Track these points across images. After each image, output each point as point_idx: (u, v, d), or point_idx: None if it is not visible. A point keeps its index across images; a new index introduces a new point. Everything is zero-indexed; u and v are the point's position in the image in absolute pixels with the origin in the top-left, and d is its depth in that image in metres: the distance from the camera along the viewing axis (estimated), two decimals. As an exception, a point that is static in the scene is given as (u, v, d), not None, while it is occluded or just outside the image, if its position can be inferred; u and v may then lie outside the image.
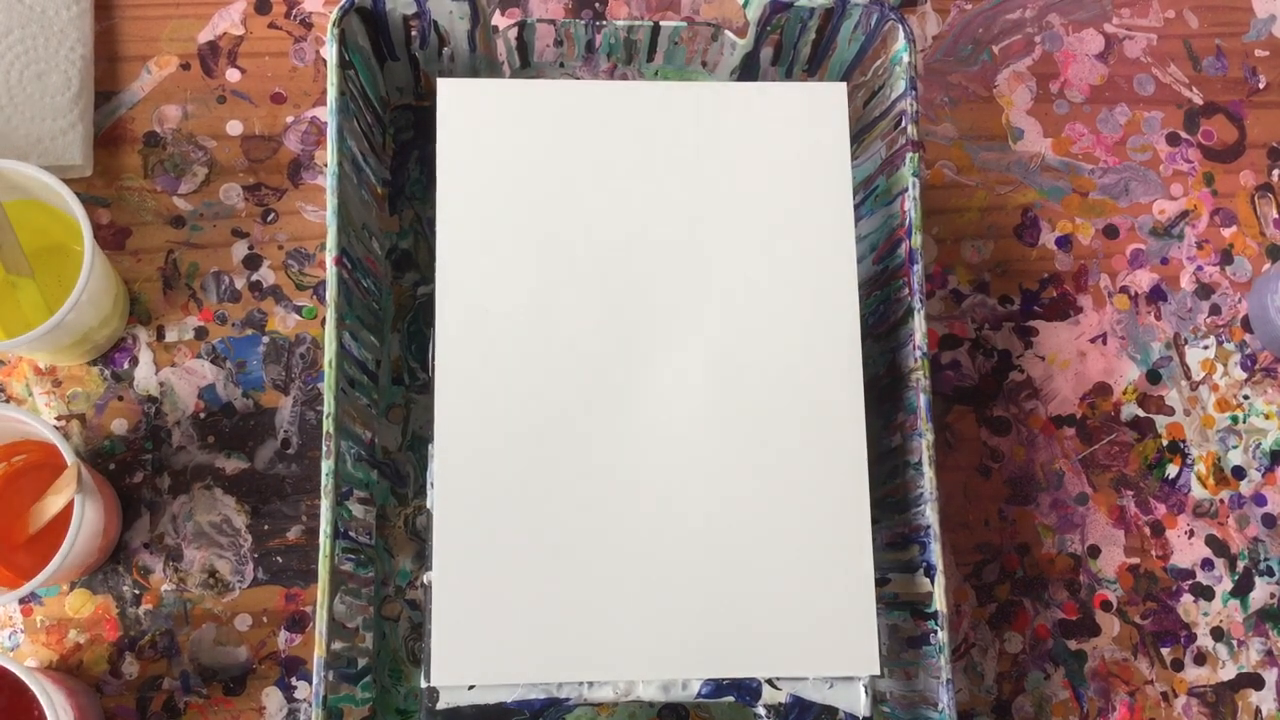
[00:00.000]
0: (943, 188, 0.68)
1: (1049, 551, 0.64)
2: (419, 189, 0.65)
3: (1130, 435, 0.66)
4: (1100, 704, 0.63)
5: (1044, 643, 0.63)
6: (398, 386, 0.63)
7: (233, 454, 0.62)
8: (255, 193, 0.65)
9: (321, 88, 0.66)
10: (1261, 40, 0.71)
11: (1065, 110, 0.69)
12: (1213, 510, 0.65)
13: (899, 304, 0.58)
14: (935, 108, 0.69)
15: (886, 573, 0.58)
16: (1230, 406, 0.66)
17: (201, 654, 0.60)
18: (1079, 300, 0.67)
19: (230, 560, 0.61)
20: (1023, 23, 0.70)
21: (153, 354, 0.63)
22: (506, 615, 0.52)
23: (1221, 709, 0.63)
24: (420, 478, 0.62)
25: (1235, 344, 0.67)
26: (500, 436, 0.54)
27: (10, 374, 0.63)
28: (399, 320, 0.63)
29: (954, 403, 0.65)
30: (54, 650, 0.60)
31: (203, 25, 0.67)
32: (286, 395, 0.63)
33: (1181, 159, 0.69)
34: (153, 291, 0.64)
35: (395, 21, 0.58)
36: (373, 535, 0.60)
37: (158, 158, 0.65)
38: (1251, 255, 0.68)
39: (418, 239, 0.64)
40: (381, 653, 0.60)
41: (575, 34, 0.61)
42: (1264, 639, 0.64)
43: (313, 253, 0.65)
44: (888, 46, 0.59)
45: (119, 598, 0.61)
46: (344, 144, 0.56)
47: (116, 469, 0.62)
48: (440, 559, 0.53)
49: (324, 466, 0.53)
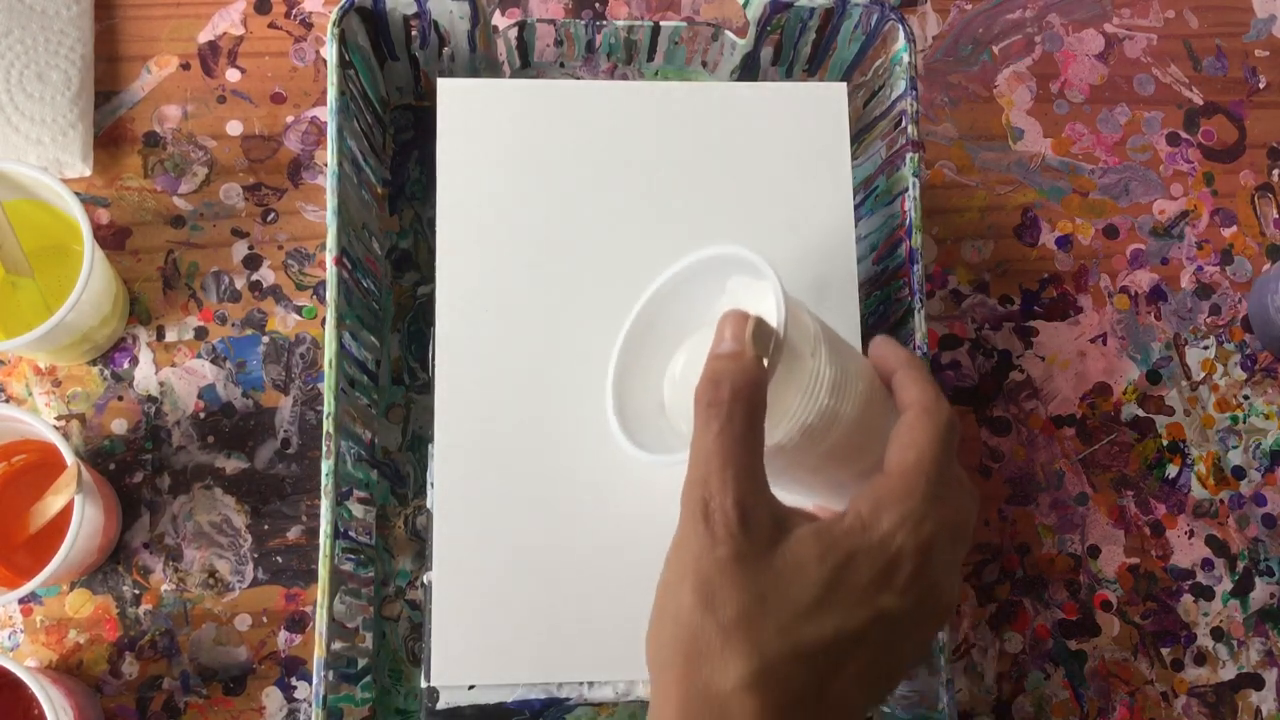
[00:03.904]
0: (943, 188, 0.68)
1: (1049, 551, 0.64)
2: (419, 189, 0.65)
3: (1130, 435, 0.66)
4: (1100, 704, 0.63)
5: (1044, 643, 0.63)
6: (398, 386, 0.63)
7: (233, 454, 0.62)
8: (255, 193, 0.65)
9: (321, 88, 0.66)
10: (1261, 40, 0.71)
11: (1065, 110, 0.69)
12: (1213, 510, 0.65)
13: (899, 304, 0.58)
14: (935, 108, 0.69)
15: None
16: (1230, 406, 0.66)
17: (201, 654, 0.60)
18: (1079, 300, 0.67)
19: (230, 560, 0.61)
20: (1023, 23, 0.70)
21: (153, 354, 0.63)
22: (506, 615, 0.52)
23: (1221, 709, 0.63)
24: (420, 478, 0.62)
25: (1235, 344, 0.67)
26: (500, 436, 0.54)
27: (10, 374, 0.63)
28: (399, 320, 0.63)
29: (954, 403, 0.65)
30: (54, 650, 0.60)
31: (203, 25, 0.67)
32: (286, 395, 0.63)
33: (1181, 159, 0.69)
34: (153, 291, 0.64)
35: (395, 21, 0.58)
36: (373, 535, 0.60)
37: (158, 158, 0.65)
38: (1251, 255, 0.68)
39: (418, 239, 0.64)
40: (381, 653, 0.60)
41: (575, 34, 0.61)
42: (1264, 639, 0.64)
43: (313, 253, 0.65)
44: (888, 46, 0.59)
45: (119, 598, 0.61)
46: (344, 144, 0.56)
47: (116, 469, 0.62)
48: (440, 559, 0.53)
49: (324, 466, 0.53)
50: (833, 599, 0.40)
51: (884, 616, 0.41)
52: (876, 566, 0.41)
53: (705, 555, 0.40)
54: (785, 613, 0.40)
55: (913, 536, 0.41)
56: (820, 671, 0.40)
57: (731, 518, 0.40)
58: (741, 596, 0.40)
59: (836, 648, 0.40)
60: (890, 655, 0.42)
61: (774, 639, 0.40)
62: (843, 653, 0.40)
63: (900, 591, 0.41)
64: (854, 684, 0.41)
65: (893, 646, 0.42)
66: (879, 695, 0.43)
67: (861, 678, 0.41)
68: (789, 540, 0.41)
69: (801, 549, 0.41)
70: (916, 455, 0.42)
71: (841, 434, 0.45)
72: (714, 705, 0.39)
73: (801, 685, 0.40)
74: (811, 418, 0.44)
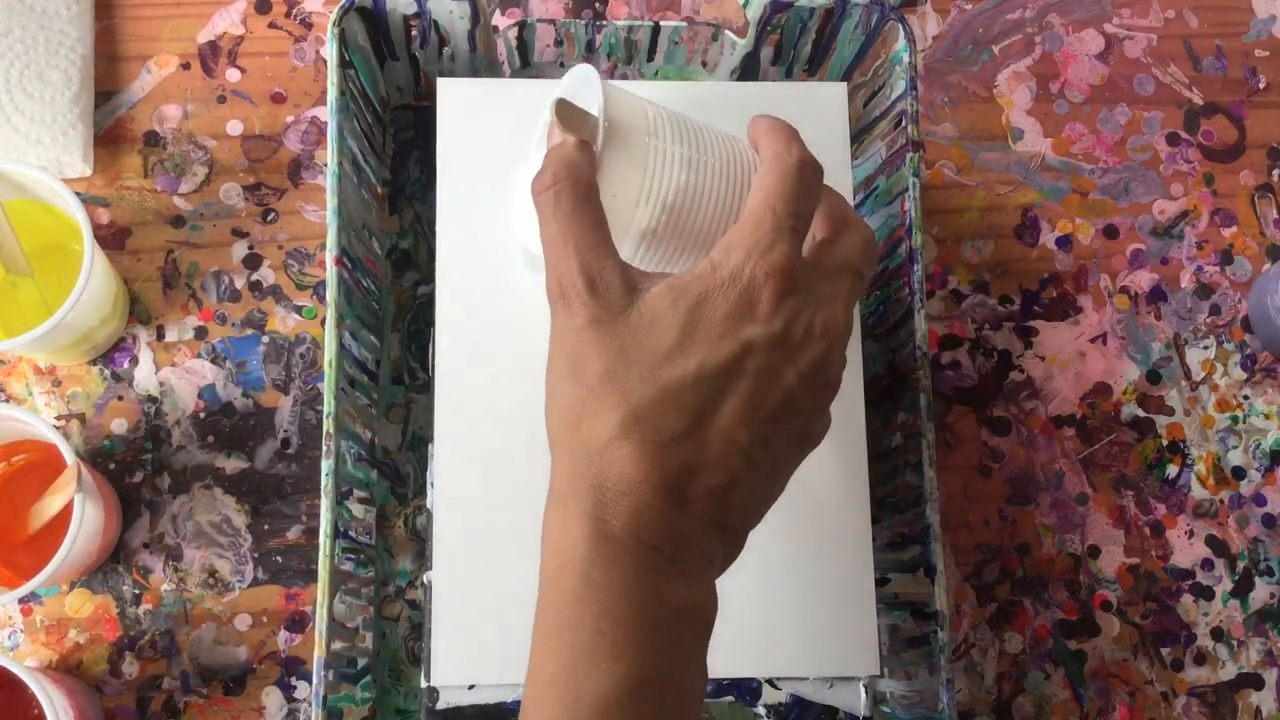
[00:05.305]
0: (943, 188, 0.68)
1: (1049, 551, 0.64)
2: (419, 189, 0.65)
3: (1130, 435, 0.66)
4: (1100, 704, 0.63)
5: (1044, 643, 0.63)
6: (398, 386, 0.63)
7: (232, 454, 0.62)
8: (255, 193, 0.65)
9: (321, 88, 0.66)
10: (1261, 40, 0.71)
11: (1065, 110, 0.69)
12: (1213, 510, 0.65)
13: (899, 304, 0.58)
14: (935, 108, 0.69)
15: (886, 573, 0.58)
16: (1230, 406, 0.66)
17: (201, 654, 0.60)
18: (1079, 300, 0.67)
19: (230, 560, 0.61)
20: (1023, 23, 0.70)
21: (153, 354, 0.63)
22: (507, 615, 0.52)
23: (1221, 709, 0.63)
24: (420, 478, 0.62)
25: (1235, 344, 0.67)
26: (500, 436, 0.54)
27: (10, 374, 0.63)
28: (399, 320, 0.63)
29: (954, 403, 0.65)
30: (54, 650, 0.60)
31: (203, 25, 0.67)
32: (286, 395, 0.63)
33: (1181, 159, 0.69)
34: (153, 291, 0.64)
35: (395, 21, 0.58)
36: (373, 535, 0.60)
37: (158, 158, 0.65)
38: (1251, 255, 0.68)
39: (418, 239, 0.64)
40: (381, 653, 0.60)
41: (575, 34, 0.61)
42: (1264, 639, 0.64)
43: (313, 253, 0.65)
44: (888, 46, 0.59)
45: (119, 597, 0.61)
46: (344, 144, 0.56)
47: (116, 469, 0.62)
48: (440, 559, 0.53)
49: (324, 466, 0.53)
50: (691, 339, 0.41)
51: (752, 346, 0.42)
52: (730, 300, 0.42)
53: (567, 329, 0.43)
54: (646, 362, 0.41)
55: (761, 264, 0.42)
56: (691, 409, 0.41)
57: (580, 287, 0.42)
58: (603, 356, 0.41)
59: (705, 384, 0.41)
60: (773, 384, 0.42)
61: (638, 386, 0.41)
62: (714, 388, 0.41)
63: (764, 320, 0.42)
64: (736, 418, 0.41)
65: (773, 374, 0.42)
66: (774, 433, 0.43)
67: (744, 411, 0.41)
68: (643, 298, 0.42)
69: (655, 302, 0.42)
70: (763, 197, 0.44)
71: (713, 208, 0.47)
72: (594, 458, 0.41)
73: (673, 424, 0.41)
74: (670, 195, 0.46)
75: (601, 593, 0.39)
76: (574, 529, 0.40)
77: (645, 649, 0.39)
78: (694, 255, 0.48)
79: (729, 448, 0.41)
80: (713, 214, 0.47)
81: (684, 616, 0.41)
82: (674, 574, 0.40)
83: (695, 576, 0.41)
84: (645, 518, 0.40)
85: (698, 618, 0.41)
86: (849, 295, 0.45)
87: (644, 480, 0.40)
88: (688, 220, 0.47)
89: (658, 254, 0.48)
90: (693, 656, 0.41)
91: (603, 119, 0.46)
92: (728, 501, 0.41)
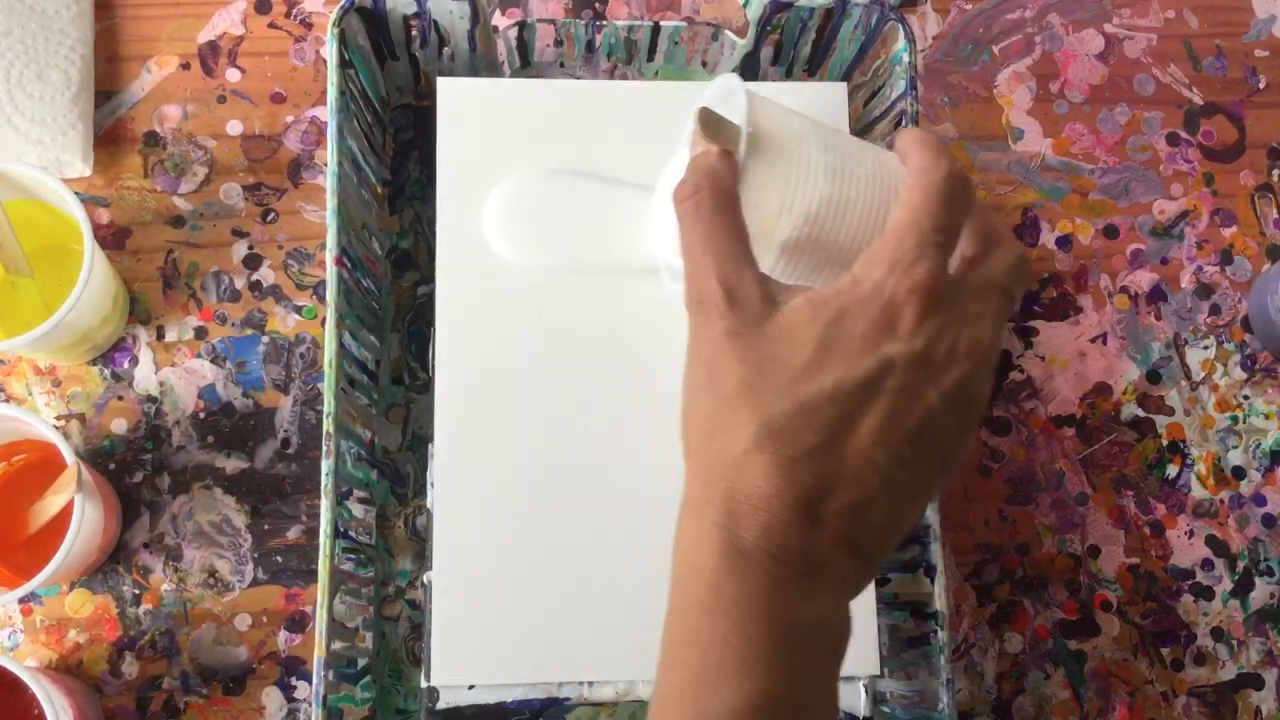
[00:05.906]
0: (943, 188, 0.68)
1: (1049, 551, 0.64)
2: (419, 189, 0.65)
3: (1130, 435, 0.66)
4: (1100, 704, 0.63)
5: (1044, 643, 0.63)
6: (398, 386, 0.63)
7: (232, 454, 0.62)
8: (255, 192, 0.65)
9: (321, 87, 0.66)
10: (1261, 40, 0.71)
11: (1065, 110, 0.69)
12: (1213, 510, 0.65)
13: (899, 304, 0.58)
14: (935, 108, 0.69)
15: (886, 573, 0.58)
16: (1230, 406, 0.66)
17: (201, 654, 0.60)
18: (1079, 300, 0.67)
19: (230, 560, 0.61)
20: (1023, 23, 0.70)
21: (153, 354, 0.63)
22: (506, 615, 0.52)
23: (1221, 709, 0.63)
24: (420, 478, 0.62)
25: (1235, 344, 0.67)
26: (500, 436, 0.54)
27: (10, 374, 0.63)
28: (399, 320, 0.63)
29: (954, 403, 0.65)
30: (54, 650, 0.60)
31: (203, 25, 0.67)
32: (286, 395, 0.63)
33: (1181, 159, 0.69)
34: (153, 291, 0.64)
35: (395, 21, 0.58)
36: (373, 535, 0.60)
37: (158, 158, 0.65)
38: (1251, 255, 0.68)
39: (418, 239, 0.64)
40: (381, 653, 0.60)
41: (575, 34, 0.61)
42: (1264, 639, 0.64)
43: (313, 252, 0.65)
44: (888, 46, 0.59)
45: (119, 597, 0.61)
46: (344, 144, 0.56)
47: (116, 469, 0.62)
48: (440, 559, 0.53)
49: (324, 466, 0.53)
50: (830, 354, 0.40)
51: (892, 364, 0.40)
52: (870, 316, 0.41)
53: (704, 339, 0.42)
54: (783, 375, 0.40)
55: (904, 280, 0.41)
56: (827, 425, 0.40)
57: (718, 297, 0.41)
58: (739, 368, 0.41)
59: (842, 400, 0.40)
60: (913, 404, 0.41)
61: (775, 400, 0.40)
62: (851, 405, 0.40)
63: (906, 338, 0.41)
64: (873, 436, 0.40)
65: (913, 393, 0.41)
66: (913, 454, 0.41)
67: (882, 430, 0.40)
68: (782, 310, 0.41)
69: (794, 315, 0.41)
70: (909, 211, 0.42)
71: (857, 222, 0.46)
72: (728, 471, 0.40)
73: (808, 439, 0.40)
74: (814, 205, 0.46)
75: (732, 607, 0.39)
76: (706, 540, 0.39)
77: (776, 667, 0.38)
78: (836, 269, 0.47)
79: (865, 466, 0.40)
80: (856, 227, 0.46)
81: (815, 635, 0.39)
82: (805, 591, 0.39)
83: (827, 595, 0.40)
84: (777, 533, 0.39)
85: (829, 637, 0.40)
86: (997, 315, 0.43)
87: (777, 495, 0.39)
88: (830, 232, 0.46)
89: (799, 267, 0.47)
90: (824, 677, 0.40)
91: (746, 128, 0.45)
92: (862, 521, 0.40)
